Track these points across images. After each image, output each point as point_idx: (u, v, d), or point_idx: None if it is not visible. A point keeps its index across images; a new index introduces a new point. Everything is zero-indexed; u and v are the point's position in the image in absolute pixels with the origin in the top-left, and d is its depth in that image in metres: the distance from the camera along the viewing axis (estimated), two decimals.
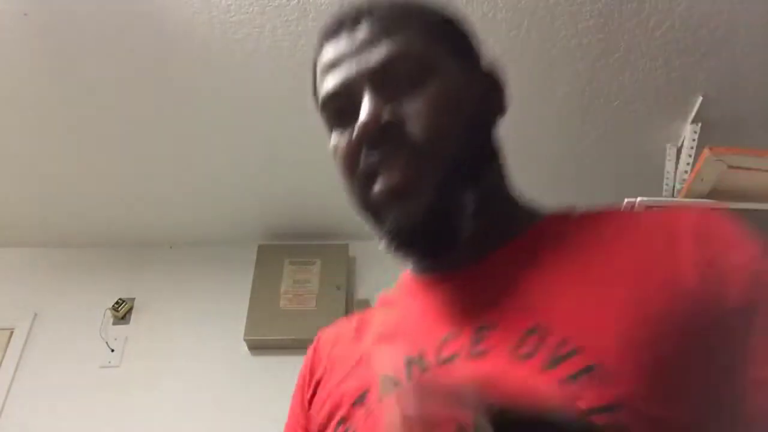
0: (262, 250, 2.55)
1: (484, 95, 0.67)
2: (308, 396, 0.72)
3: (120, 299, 2.57)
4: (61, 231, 2.69)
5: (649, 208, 1.59)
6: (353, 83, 0.62)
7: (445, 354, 0.56)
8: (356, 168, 0.62)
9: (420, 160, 0.59)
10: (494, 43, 1.94)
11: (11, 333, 2.53)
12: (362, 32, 0.63)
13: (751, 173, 1.52)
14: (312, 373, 0.73)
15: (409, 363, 0.57)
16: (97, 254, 2.72)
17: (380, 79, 0.61)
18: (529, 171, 2.39)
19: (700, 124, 2.10)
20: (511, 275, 0.59)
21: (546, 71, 2.01)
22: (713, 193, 1.56)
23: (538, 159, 2.29)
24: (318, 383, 0.71)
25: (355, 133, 0.60)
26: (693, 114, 2.10)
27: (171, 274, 2.67)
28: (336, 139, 0.64)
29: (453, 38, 0.68)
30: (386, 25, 0.64)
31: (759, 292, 0.51)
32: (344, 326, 0.74)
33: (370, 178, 0.61)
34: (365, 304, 2.39)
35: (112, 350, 2.49)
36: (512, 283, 0.58)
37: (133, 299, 2.61)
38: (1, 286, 2.64)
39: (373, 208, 0.62)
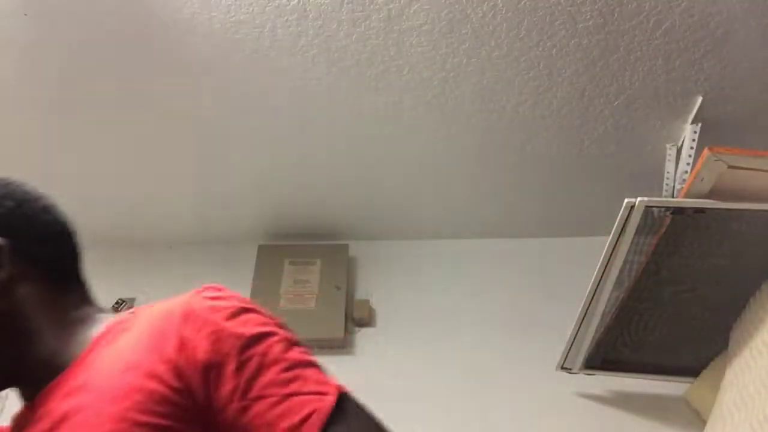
0: (262, 250, 2.55)
1: None
2: None
3: (120, 299, 2.57)
4: None
5: (649, 208, 1.59)
6: None
7: None
8: None
9: None
10: (494, 43, 1.94)
11: None
12: None
13: (751, 173, 1.52)
14: None
15: None
16: (97, 254, 2.70)
17: None
18: (529, 171, 2.40)
19: (700, 124, 2.10)
20: (50, 407, 0.75)
21: (546, 71, 2.01)
22: (713, 193, 1.56)
23: (537, 159, 2.29)
24: None
25: None
26: (693, 114, 2.10)
27: (171, 274, 2.66)
28: None
29: None
30: None
31: (222, 347, 0.69)
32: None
33: None
34: (365, 304, 2.39)
35: None
36: (50, 411, 0.75)
37: (133, 299, 2.60)
38: None
39: None
